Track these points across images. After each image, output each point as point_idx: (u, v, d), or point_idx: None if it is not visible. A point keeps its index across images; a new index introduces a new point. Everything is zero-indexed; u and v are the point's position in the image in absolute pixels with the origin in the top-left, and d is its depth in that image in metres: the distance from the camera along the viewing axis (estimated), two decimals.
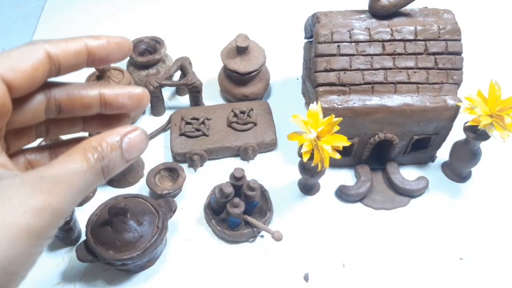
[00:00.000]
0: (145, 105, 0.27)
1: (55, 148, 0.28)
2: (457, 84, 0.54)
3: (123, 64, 0.73)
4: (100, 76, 0.64)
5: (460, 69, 0.54)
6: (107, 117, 0.27)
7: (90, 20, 0.86)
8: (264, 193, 0.56)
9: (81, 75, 0.70)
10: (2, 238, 0.20)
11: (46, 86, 0.24)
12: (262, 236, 0.54)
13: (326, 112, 0.50)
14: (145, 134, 0.25)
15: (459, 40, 0.53)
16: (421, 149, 0.59)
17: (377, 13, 0.53)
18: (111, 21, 0.86)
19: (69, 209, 0.22)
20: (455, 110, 0.53)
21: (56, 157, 0.26)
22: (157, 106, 0.68)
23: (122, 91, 0.27)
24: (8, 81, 0.22)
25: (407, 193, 0.57)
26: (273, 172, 0.61)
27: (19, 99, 0.24)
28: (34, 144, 0.28)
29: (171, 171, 0.59)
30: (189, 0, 0.90)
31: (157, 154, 0.63)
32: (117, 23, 0.85)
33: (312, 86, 0.57)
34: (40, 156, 0.28)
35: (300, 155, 0.48)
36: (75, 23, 0.85)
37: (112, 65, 0.66)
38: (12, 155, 0.26)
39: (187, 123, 0.63)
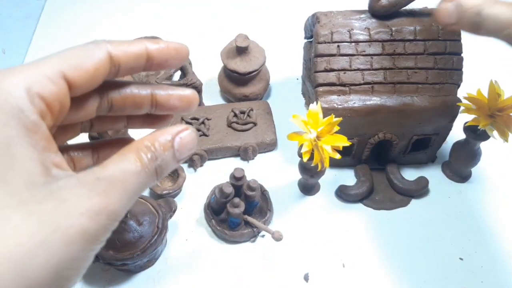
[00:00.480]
0: (194, 107, 0.27)
1: (98, 146, 0.28)
2: (457, 84, 0.54)
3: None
4: None
5: (460, 69, 0.54)
6: (152, 116, 0.28)
7: (90, 20, 0.86)
8: (264, 193, 0.56)
9: None
10: (58, 242, 0.19)
11: (101, 84, 0.24)
12: (263, 236, 0.54)
13: (326, 112, 0.50)
14: (195, 133, 0.25)
15: (459, 40, 0.53)
16: (421, 149, 0.59)
17: (377, 12, 0.53)
18: (111, 21, 0.86)
19: (124, 211, 0.22)
20: (455, 110, 0.53)
21: (98, 156, 0.27)
22: None
23: (174, 92, 0.27)
24: (70, 79, 0.22)
25: (407, 193, 0.57)
26: (273, 172, 0.61)
27: (76, 97, 0.23)
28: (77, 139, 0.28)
29: (171, 171, 0.59)
30: (189, 0, 0.90)
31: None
32: (117, 23, 0.85)
33: (312, 86, 0.57)
34: (82, 154, 0.28)
35: (300, 155, 0.48)
36: (75, 23, 0.85)
37: None
38: None
39: (187, 123, 0.63)
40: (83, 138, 0.56)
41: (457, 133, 0.57)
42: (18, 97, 0.21)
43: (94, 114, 0.26)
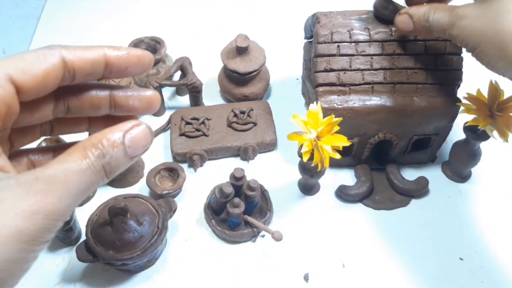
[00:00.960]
0: (155, 108, 0.27)
1: (60, 149, 0.27)
2: (457, 84, 0.54)
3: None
4: None
5: (460, 69, 0.53)
6: (114, 118, 0.27)
7: (90, 20, 0.86)
8: (264, 193, 0.56)
9: None
10: None
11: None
12: (263, 236, 0.54)
13: (326, 112, 0.50)
14: (149, 129, 0.24)
15: None
16: (421, 149, 0.59)
17: (382, 16, 0.53)
18: (111, 21, 0.86)
19: (67, 210, 0.21)
20: (455, 110, 0.53)
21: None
22: None
23: (133, 93, 0.26)
24: (17, 83, 0.22)
25: (407, 193, 0.57)
26: (273, 172, 0.61)
27: (29, 101, 0.23)
28: (36, 143, 0.28)
29: (171, 171, 0.59)
30: (189, 0, 0.90)
31: (157, 154, 0.63)
32: (117, 23, 0.85)
33: (312, 86, 0.57)
34: (43, 157, 0.27)
35: (300, 155, 0.48)
36: (75, 23, 0.85)
37: None
38: (15, 155, 0.26)
39: (187, 123, 0.63)
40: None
41: (457, 133, 0.57)
42: None
43: (51, 117, 0.25)
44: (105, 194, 0.55)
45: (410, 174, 0.59)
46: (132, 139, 0.23)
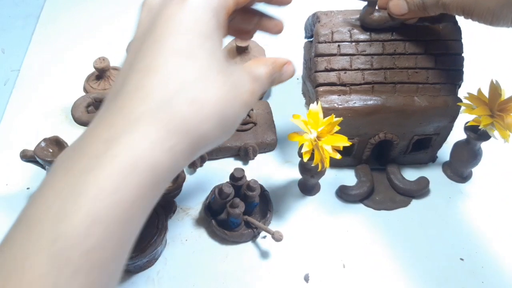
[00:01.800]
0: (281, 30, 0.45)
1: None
2: (458, 84, 0.54)
3: (121, 64, 0.73)
4: (100, 76, 0.64)
5: (461, 69, 0.53)
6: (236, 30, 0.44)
7: (90, 19, 0.86)
8: (264, 193, 0.56)
9: (79, 75, 0.70)
10: (239, 103, 0.31)
11: None
12: (264, 237, 0.54)
13: (327, 112, 0.50)
14: (294, 68, 0.39)
15: (460, 40, 0.53)
16: (421, 149, 0.58)
17: (368, 26, 0.52)
18: (111, 20, 0.85)
19: (257, 98, 0.34)
20: (456, 110, 0.53)
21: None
22: None
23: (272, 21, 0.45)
24: None
25: (408, 194, 0.57)
26: (273, 172, 0.60)
27: None
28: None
29: None
30: None
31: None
32: (117, 22, 0.85)
33: (312, 86, 0.57)
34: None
35: (300, 155, 0.47)
36: (75, 22, 0.85)
37: (111, 65, 0.66)
38: None
39: None
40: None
41: (457, 133, 0.56)
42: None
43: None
44: None
45: (410, 174, 0.59)
46: (287, 68, 0.38)
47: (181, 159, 0.28)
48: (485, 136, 0.52)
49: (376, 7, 0.51)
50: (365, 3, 0.51)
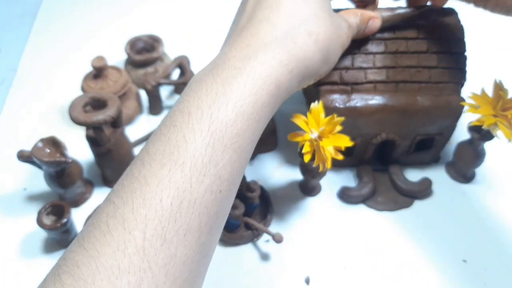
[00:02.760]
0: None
1: None
2: (461, 83, 0.53)
3: (120, 63, 0.72)
4: (97, 75, 0.63)
5: (464, 68, 0.53)
6: None
7: (88, 18, 0.85)
8: (264, 194, 0.55)
9: (76, 74, 0.70)
10: (342, 40, 0.41)
11: None
12: (267, 241, 0.53)
13: (328, 111, 0.50)
14: (381, 21, 0.47)
15: (463, 39, 0.53)
16: (424, 149, 0.58)
17: None
18: (109, 19, 0.85)
19: (349, 41, 0.43)
20: (459, 109, 0.52)
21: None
22: (155, 105, 0.67)
23: None
24: None
25: (411, 194, 0.57)
26: (273, 172, 0.60)
27: None
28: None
29: None
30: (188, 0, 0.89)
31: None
32: (114, 21, 0.84)
33: (313, 85, 0.56)
34: None
35: (301, 155, 0.47)
36: (72, 21, 0.85)
37: (109, 64, 0.65)
38: None
39: None
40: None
41: (461, 133, 0.56)
42: None
43: None
44: (103, 195, 0.54)
45: (413, 175, 0.58)
46: (372, 21, 0.46)
47: (294, 82, 0.36)
48: (489, 136, 0.51)
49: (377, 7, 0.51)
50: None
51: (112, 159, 0.54)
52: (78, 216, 0.53)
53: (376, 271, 0.51)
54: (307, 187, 0.57)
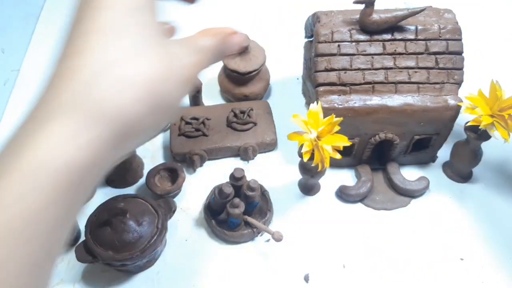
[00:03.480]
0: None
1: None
2: (458, 84, 0.54)
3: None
4: None
5: (461, 68, 0.53)
6: None
7: None
8: (264, 193, 0.56)
9: None
10: (183, 76, 0.27)
11: None
12: (267, 241, 0.54)
13: (327, 112, 0.50)
14: (247, 37, 0.34)
15: (460, 39, 0.53)
16: (422, 149, 0.58)
17: (367, 28, 0.52)
18: None
19: (206, 68, 0.30)
20: (456, 110, 0.53)
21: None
22: None
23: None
24: None
25: (408, 193, 0.57)
26: (273, 172, 0.60)
27: None
28: None
29: (171, 172, 0.59)
30: None
31: (156, 154, 0.63)
32: None
33: (312, 86, 0.57)
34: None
35: (301, 155, 0.47)
36: None
37: None
38: None
39: (187, 123, 0.62)
40: None
41: (458, 133, 0.56)
42: None
43: None
44: (104, 195, 0.55)
45: (410, 174, 0.59)
46: (236, 36, 0.33)
47: (105, 152, 0.24)
48: (485, 136, 0.52)
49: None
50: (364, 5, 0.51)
51: None
52: (80, 216, 0.53)
53: (374, 269, 0.51)
54: (306, 186, 0.58)
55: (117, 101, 0.24)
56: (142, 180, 0.59)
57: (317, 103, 0.48)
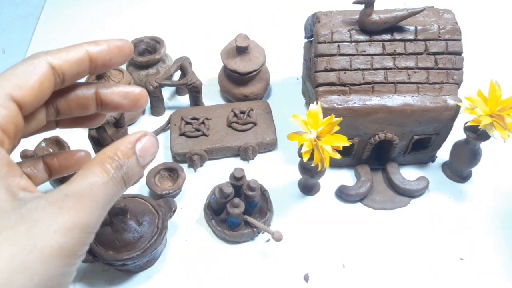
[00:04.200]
0: (142, 105, 0.27)
1: (48, 160, 0.28)
2: (458, 84, 0.54)
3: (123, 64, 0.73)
4: (100, 76, 0.64)
5: (460, 69, 0.53)
6: (81, 117, 0.27)
7: (90, 19, 0.86)
8: (264, 193, 0.56)
9: None
10: (36, 261, 0.20)
11: None
12: (268, 241, 0.54)
13: (326, 112, 0.50)
14: (155, 138, 0.25)
15: (459, 40, 0.53)
16: (421, 149, 0.58)
17: (367, 28, 0.52)
18: (111, 20, 0.86)
19: (98, 222, 0.23)
20: (456, 110, 0.53)
21: (51, 169, 0.27)
22: (157, 106, 0.68)
23: (119, 91, 0.26)
24: (18, 99, 0.22)
25: (407, 193, 0.57)
26: (273, 172, 0.61)
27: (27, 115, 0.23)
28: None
29: (171, 171, 0.59)
30: (189, 0, 0.90)
31: (157, 154, 0.63)
32: (116, 23, 0.85)
33: (312, 86, 0.57)
34: (36, 169, 0.27)
35: (300, 155, 0.48)
36: (75, 23, 0.85)
37: None
38: None
39: (187, 123, 0.62)
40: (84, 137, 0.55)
41: (457, 133, 0.56)
42: None
43: (45, 122, 0.26)
44: None
45: (410, 174, 0.59)
46: (142, 148, 0.24)
47: None
48: (485, 136, 0.52)
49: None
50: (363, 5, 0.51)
51: None
52: None
53: (374, 269, 0.51)
54: (306, 186, 0.58)
55: None
56: (142, 180, 0.59)
57: (317, 103, 0.48)
